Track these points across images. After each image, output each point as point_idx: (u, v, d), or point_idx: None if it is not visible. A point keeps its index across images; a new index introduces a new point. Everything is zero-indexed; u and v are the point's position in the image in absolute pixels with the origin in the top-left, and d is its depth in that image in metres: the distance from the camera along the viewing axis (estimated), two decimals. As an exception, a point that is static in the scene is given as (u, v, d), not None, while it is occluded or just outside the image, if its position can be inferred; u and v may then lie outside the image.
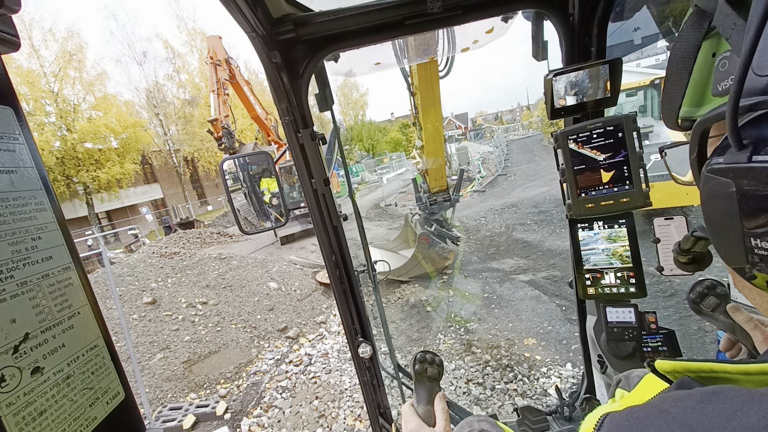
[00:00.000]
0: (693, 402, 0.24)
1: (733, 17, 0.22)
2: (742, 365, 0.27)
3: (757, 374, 0.26)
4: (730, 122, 0.22)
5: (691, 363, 0.31)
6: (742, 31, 0.22)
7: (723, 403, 0.22)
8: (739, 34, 0.22)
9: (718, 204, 0.25)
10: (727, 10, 0.22)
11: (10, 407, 0.34)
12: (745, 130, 0.23)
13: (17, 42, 0.42)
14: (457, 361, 4.11)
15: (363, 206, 9.99)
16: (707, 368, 0.30)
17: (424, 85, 5.04)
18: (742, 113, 0.23)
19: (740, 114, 0.23)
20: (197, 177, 33.88)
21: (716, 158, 0.25)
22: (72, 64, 21.32)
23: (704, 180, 0.24)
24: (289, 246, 11.35)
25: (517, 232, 8.44)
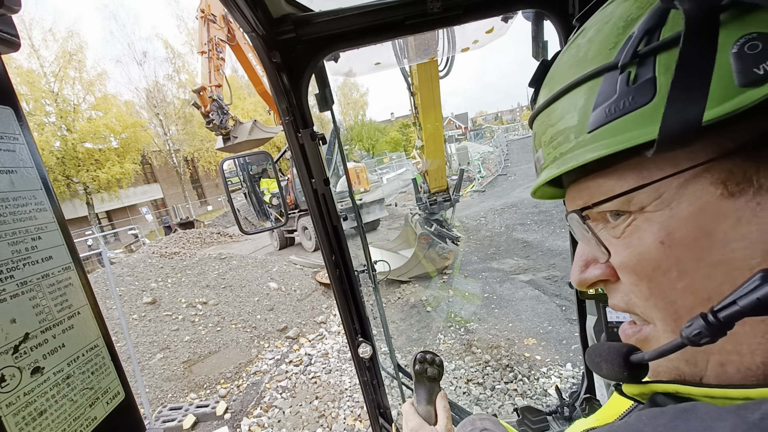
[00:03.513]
0: (666, 419, 0.25)
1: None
2: (706, 389, 0.28)
3: (720, 398, 0.27)
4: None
5: (657, 385, 0.32)
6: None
7: (694, 420, 0.23)
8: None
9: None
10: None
11: (10, 407, 0.34)
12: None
13: (17, 42, 0.42)
14: (457, 361, 4.11)
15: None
16: (672, 389, 0.31)
17: (424, 85, 5.04)
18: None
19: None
20: (197, 177, 33.90)
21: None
22: (72, 64, 21.33)
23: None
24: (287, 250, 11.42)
25: (517, 232, 8.44)
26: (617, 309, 0.35)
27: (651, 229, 0.28)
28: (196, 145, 29.57)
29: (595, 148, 0.29)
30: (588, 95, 0.30)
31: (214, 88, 6.45)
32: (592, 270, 0.35)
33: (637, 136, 0.26)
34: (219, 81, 6.61)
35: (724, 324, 0.23)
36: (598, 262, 0.35)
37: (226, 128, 6.51)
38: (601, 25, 0.31)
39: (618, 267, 0.33)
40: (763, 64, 0.22)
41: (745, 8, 0.23)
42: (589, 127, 0.30)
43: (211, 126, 6.43)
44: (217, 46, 6.65)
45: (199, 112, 6.49)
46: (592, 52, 0.31)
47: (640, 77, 0.26)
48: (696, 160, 0.26)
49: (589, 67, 0.30)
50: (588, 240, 0.35)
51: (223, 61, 6.83)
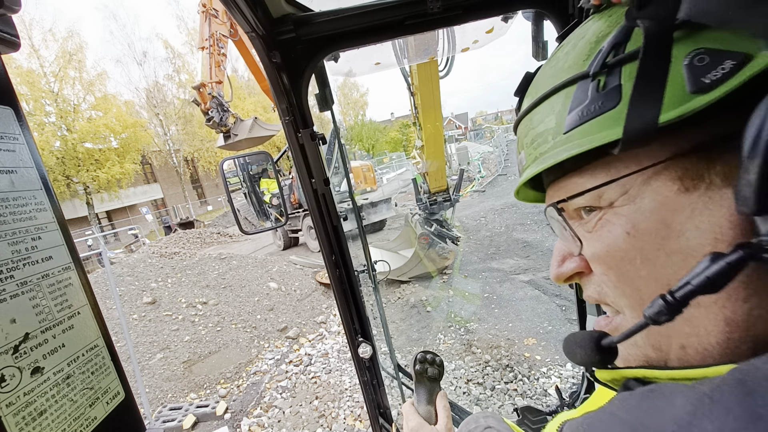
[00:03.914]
0: (634, 400, 0.28)
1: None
2: (670, 371, 0.31)
3: (682, 379, 0.29)
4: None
5: (627, 371, 0.35)
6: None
7: (659, 398, 0.25)
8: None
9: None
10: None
11: (10, 407, 0.34)
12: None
13: (17, 42, 0.42)
14: (457, 361, 4.11)
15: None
16: (640, 374, 0.33)
17: (424, 85, 5.04)
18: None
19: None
20: (197, 177, 33.91)
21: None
22: (72, 64, 21.35)
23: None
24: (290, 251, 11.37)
25: (517, 232, 8.44)
26: (591, 301, 0.38)
27: (619, 222, 0.32)
28: (196, 145, 29.56)
29: (570, 147, 0.32)
30: (564, 100, 0.34)
31: (214, 85, 6.32)
32: (568, 264, 0.38)
33: (606, 136, 0.29)
34: (220, 77, 6.47)
35: (680, 302, 0.26)
36: (573, 255, 0.38)
37: (226, 126, 6.36)
38: (577, 41, 0.35)
39: (590, 258, 0.36)
40: (709, 75, 0.25)
41: (695, 27, 0.26)
42: (565, 129, 0.33)
43: (210, 123, 6.28)
44: (219, 41, 6.48)
45: (200, 110, 6.36)
46: (569, 63, 0.34)
47: (608, 84, 0.30)
48: (656, 158, 0.29)
49: (566, 75, 0.34)
50: (564, 234, 0.38)
51: (225, 57, 6.68)
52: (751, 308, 0.27)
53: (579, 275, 0.38)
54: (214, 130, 6.47)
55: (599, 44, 0.32)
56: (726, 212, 0.26)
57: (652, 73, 0.27)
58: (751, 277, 0.26)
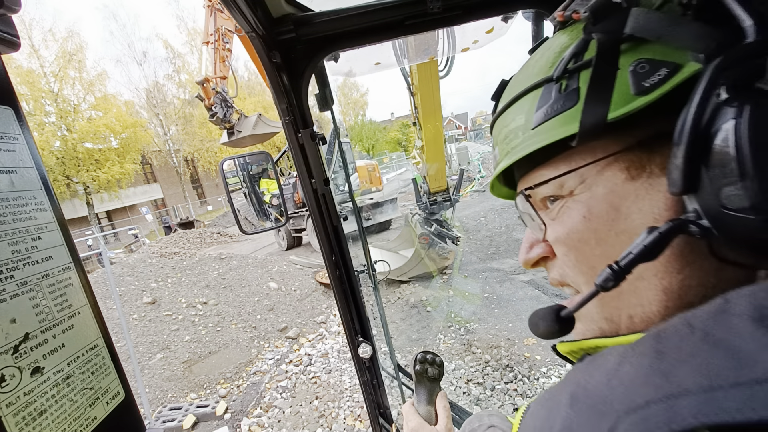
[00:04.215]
0: (582, 366, 0.32)
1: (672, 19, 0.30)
2: (617, 338, 0.35)
3: (625, 342, 0.32)
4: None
5: (582, 342, 0.39)
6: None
7: (598, 359, 0.29)
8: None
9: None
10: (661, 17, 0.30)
11: (10, 407, 0.34)
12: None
13: (17, 42, 0.42)
14: (457, 361, 4.11)
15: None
16: (593, 345, 0.37)
17: (424, 85, 5.04)
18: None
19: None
20: (197, 177, 33.90)
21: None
22: (72, 64, 21.35)
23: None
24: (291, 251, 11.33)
25: (517, 232, 8.44)
26: (554, 283, 0.43)
27: (577, 208, 0.36)
28: (196, 145, 29.55)
29: (537, 141, 0.37)
30: (533, 101, 0.38)
31: (218, 80, 6.21)
32: (535, 249, 0.43)
33: (566, 131, 0.34)
34: (224, 73, 6.34)
35: (623, 269, 0.29)
36: (539, 242, 0.43)
37: (230, 122, 6.24)
38: (544, 51, 0.41)
39: (553, 242, 0.40)
40: (648, 80, 0.30)
41: (638, 40, 0.31)
42: (533, 125, 0.38)
43: (214, 119, 6.17)
44: (224, 36, 6.35)
45: (203, 105, 6.26)
46: (537, 69, 0.40)
47: (569, 87, 0.35)
48: (608, 151, 0.34)
49: (535, 80, 0.39)
50: (532, 224, 0.43)
51: (230, 52, 6.56)
52: (683, 279, 0.31)
53: (544, 260, 0.43)
54: (218, 127, 6.40)
55: (562, 53, 0.37)
56: (662, 196, 0.31)
57: (603, 77, 0.32)
58: (683, 250, 0.31)
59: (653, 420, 0.21)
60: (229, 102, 6.21)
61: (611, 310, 0.36)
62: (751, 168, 0.23)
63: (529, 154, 0.38)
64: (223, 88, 6.25)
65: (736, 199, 0.24)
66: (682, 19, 0.29)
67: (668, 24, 0.29)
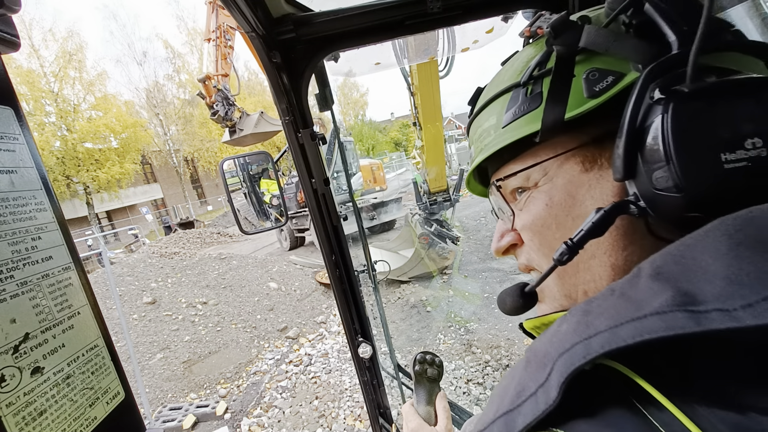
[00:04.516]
0: (539, 337, 0.34)
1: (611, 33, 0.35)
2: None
3: None
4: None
5: (545, 317, 0.43)
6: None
7: (552, 327, 0.32)
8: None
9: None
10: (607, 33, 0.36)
11: (10, 407, 0.34)
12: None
13: (17, 42, 0.42)
14: (457, 361, 4.11)
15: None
16: (554, 319, 0.41)
17: (424, 85, 5.04)
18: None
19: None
20: (197, 177, 33.88)
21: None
22: (72, 64, 21.33)
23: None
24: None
25: (517, 232, 8.43)
26: (522, 268, 0.48)
27: (540, 197, 0.41)
28: (196, 145, 29.54)
29: (506, 138, 0.42)
30: (503, 103, 0.44)
31: (220, 78, 6.12)
32: (506, 238, 0.48)
33: (530, 129, 0.39)
34: (226, 70, 6.24)
35: (576, 244, 0.34)
36: (509, 231, 0.47)
37: (231, 120, 6.13)
38: (514, 61, 0.47)
39: (521, 229, 0.45)
40: (598, 85, 0.35)
41: (590, 52, 0.37)
42: (503, 124, 0.43)
43: (215, 118, 6.06)
44: (226, 33, 6.25)
45: (204, 103, 6.13)
46: (508, 76, 0.45)
47: (534, 91, 0.40)
48: (567, 147, 0.39)
49: (505, 85, 0.44)
50: (502, 214, 0.48)
51: (232, 50, 6.45)
52: (627, 255, 0.36)
53: (513, 247, 0.48)
54: (220, 125, 6.30)
55: (529, 62, 0.42)
56: (610, 184, 0.37)
57: (561, 83, 0.37)
58: (627, 231, 0.36)
59: (575, 356, 0.26)
60: (230, 100, 6.11)
61: (569, 288, 0.41)
62: (674, 154, 0.28)
63: (499, 150, 0.43)
64: (225, 85, 6.15)
65: (663, 180, 0.29)
66: (625, 35, 0.34)
67: (614, 39, 0.35)
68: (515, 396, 0.30)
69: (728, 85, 0.28)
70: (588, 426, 0.26)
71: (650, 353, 0.25)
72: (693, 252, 0.25)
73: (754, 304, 0.20)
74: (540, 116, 0.38)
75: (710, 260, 0.23)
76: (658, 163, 0.29)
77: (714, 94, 0.28)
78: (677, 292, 0.23)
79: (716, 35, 0.32)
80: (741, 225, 0.24)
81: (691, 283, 0.23)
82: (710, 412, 0.22)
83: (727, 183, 0.27)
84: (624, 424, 0.24)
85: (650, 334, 0.22)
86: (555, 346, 0.28)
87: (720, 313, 0.20)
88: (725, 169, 0.27)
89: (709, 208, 0.27)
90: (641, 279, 0.26)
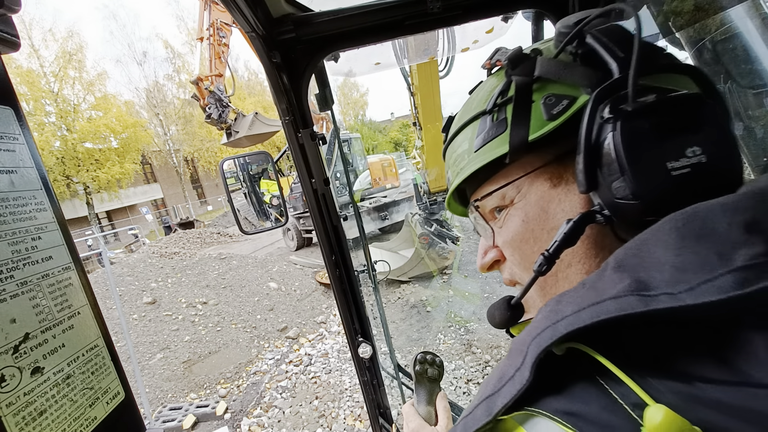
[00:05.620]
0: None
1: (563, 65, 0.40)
2: None
3: None
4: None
5: (528, 321, 0.45)
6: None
7: (534, 318, 0.34)
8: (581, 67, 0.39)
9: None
10: (558, 64, 0.40)
11: (10, 407, 0.34)
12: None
13: (17, 42, 0.42)
14: (457, 361, 4.11)
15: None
16: None
17: (424, 85, 5.05)
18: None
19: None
20: (197, 177, 33.87)
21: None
22: (72, 64, 21.32)
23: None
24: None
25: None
26: (507, 283, 0.51)
27: (517, 214, 0.44)
28: (196, 145, 29.52)
29: (479, 161, 0.45)
30: (473, 130, 0.47)
31: (214, 78, 5.90)
32: (489, 255, 0.50)
33: (499, 151, 0.43)
34: (220, 70, 6.02)
35: (552, 255, 0.37)
36: (492, 247, 0.50)
37: (226, 122, 5.98)
38: (479, 90, 0.51)
39: (502, 246, 0.48)
40: (555, 109, 0.39)
41: (545, 80, 0.40)
42: (474, 149, 0.46)
43: (210, 120, 5.91)
44: (220, 30, 5.95)
45: (199, 105, 5.98)
46: (475, 105, 0.49)
47: (499, 117, 0.43)
48: (535, 166, 0.43)
49: (473, 113, 0.47)
50: (484, 233, 0.51)
51: (227, 47, 6.15)
52: (600, 261, 0.39)
53: (498, 263, 0.51)
54: (215, 127, 6.17)
55: (492, 92, 0.45)
56: (577, 197, 0.40)
57: (522, 109, 0.41)
58: (597, 239, 0.39)
59: (544, 338, 0.29)
60: (224, 102, 5.95)
61: (551, 297, 0.42)
62: (627, 165, 0.31)
63: (474, 173, 0.46)
64: (218, 86, 5.95)
65: (621, 190, 0.32)
66: (573, 64, 0.39)
67: (564, 68, 0.39)
68: (497, 381, 0.33)
69: (665, 102, 0.32)
70: (557, 402, 0.29)
71: (613, 335, 0.28)
72: (648, 246, 0.28)
73: (694, 287, 0.23)
74: (507, 139, 0.41)
75: (661, 252, 0.26)
76: (614, 175, 0.33)
77: (653, 110, 0.32)
78: (633, 281, 0.26)
79: (650, 59, 0.36)
80: (686, 220, 0.27)
81: (645, 272, 0.26)
82: (660, 382, 0.25)
83: (675, 187, 0.31)
84: (588, 398, 0.27)
85: (605, 315, 0.25)
86: (530, 333, 0.31)
87: (667, 296, 0.24)
88: (672, 176, 0.31)
89: (664, 211, 0.30)
90: (606, 272, 0.29)
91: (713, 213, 0.26)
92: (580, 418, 0.26)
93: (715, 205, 0.26)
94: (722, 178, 0.31)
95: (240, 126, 6.18)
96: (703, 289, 0.22)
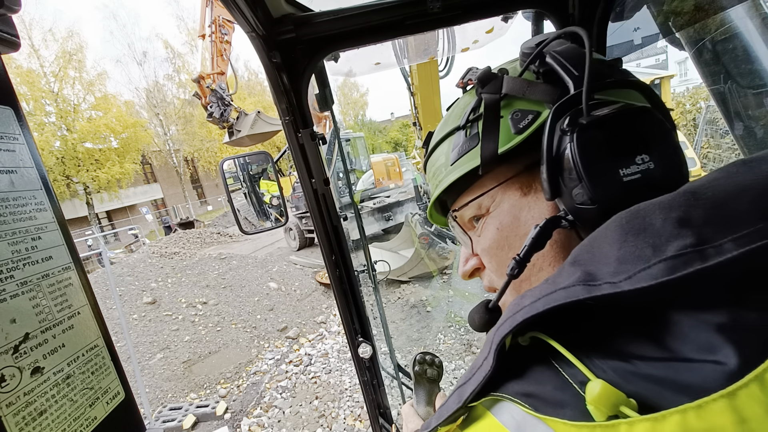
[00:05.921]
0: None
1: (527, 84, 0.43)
2: None
3: None
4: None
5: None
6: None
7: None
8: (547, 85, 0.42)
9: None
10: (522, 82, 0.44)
11: (10, 407, 0.34)
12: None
13: (17, 42, 0.42)
14: (457, 361, 4.12)
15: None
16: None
17: (424, 86, 5.04)
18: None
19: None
20: (197, 177, 33.86)
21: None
22: (72, 64, 21.31)
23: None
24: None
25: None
26: (487, 290, 0.53)
27: (493, 222, 0.47)
28: (196, 145, 29.50)
29: (455, 174, 0.48)
30: (449, 144, 0.51)
31: (216, 77, 5.78)
32: (470, 262, 0.53)
33: (474, 164, 0.45)
34: (222, 68, 5.91)
35: (523, 259, 0.39)
36: (472, 256, 0.53)
37: (227, 121, 5.80)
38: (455, 107, 0.54)
39: (480, 253, 0.51)
40: (521, 123, 0.42)
41: (512, 97, 0.44)
42: (451, 162, 0.49)
43: (211, 119, 5.76)
44: (222, 27, 5.81)
45: (200, 104, 5.83)
46: (451, 121, 0.52)
47: (471, 132, 0.47)
48: (506, 176, 0.46)
49: (449, 128, 0.51)
50: (464, 241, 0.54)
51: (229, 45, 6.03)
52: None
53: (478, 271, 0.54)
54: (217, 126, 6.00)
55: (465, 108, 0.49)
56: (545, 204, 0.42)
57: (491, 124, 0.44)
58: (564, 243, 0.42)
59: (504, 328, 0.32)
60: (226, 100, 5.81)
61: None
62: (583, 173, 0.34)
63: (452, 184, 0.49)
64: (220, 84, 5.83)
65: (580, 196, 0.35)
66: (536, 81, 0.42)
67: (527, 86, 0.43)
68: (469, 372, 0.36)
69: (616, 115, 0.35)
70: (518, 385, 0.32)
71: (570, 323, 0.31)
72: (598, 242, 0.31)
73: (632, 276, 0.25)
74: (478, 153, 0.45)
75: (608, 247, 0.29)
76: (574, 182, 0.36)
77: (605, 123, 0.35)
78: (582, 273, 0.29)
79: (603, 76, 0.40)
80: (629, 218, 0.29)
81: (594, 265, 0.29)
82: (603, 362, 0.28)
83: (627, 192, 0.34)
84: (544, 380, 0.30)
85: (554, 303, 0.28)
86: (497, 326, 0.34)
87: (608, 285, 0.26)
88: (624, 182, 0.34)
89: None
90: (564, 267, 0.32)
91: (651, 211, 0.28)
92: (536, 398, 0.29)
93: (654, 203, 0.29)
94: (669, 182, 0.33)
95: (242, 125, 6.02)
96: (639, 277, 0.25)
